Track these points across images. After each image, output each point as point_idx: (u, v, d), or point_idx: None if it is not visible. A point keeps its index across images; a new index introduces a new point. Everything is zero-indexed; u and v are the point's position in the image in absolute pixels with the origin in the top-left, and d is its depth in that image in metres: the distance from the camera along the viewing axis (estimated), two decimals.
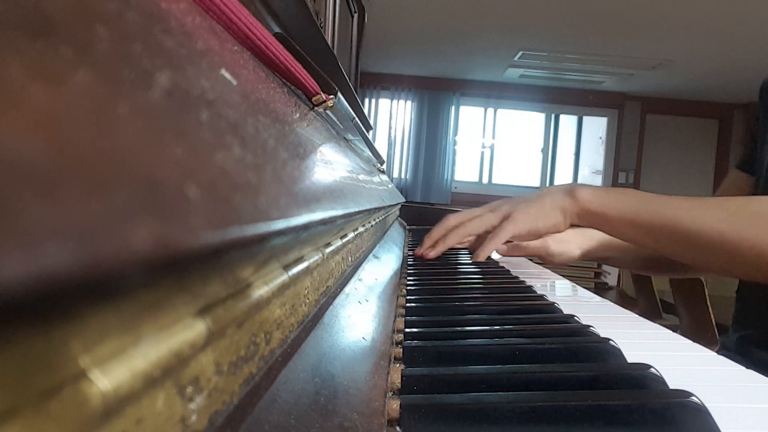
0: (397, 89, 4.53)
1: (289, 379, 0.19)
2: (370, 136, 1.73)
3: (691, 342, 0.44)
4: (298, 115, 0.29)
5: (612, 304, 0.61)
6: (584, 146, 4.76)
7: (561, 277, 0.81)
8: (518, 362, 0.32)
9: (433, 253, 0.80)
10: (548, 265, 0.90)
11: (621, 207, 0.65)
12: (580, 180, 4.71)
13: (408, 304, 0.48)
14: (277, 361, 0.19)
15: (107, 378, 0.09)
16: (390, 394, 0.26)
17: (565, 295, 0.66)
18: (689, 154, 4.68)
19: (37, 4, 0.08)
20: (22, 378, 0.07)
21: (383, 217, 0.82)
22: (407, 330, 0.39)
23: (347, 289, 0.35)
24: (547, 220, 0.70)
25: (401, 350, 0.33)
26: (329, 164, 0.31)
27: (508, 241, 0.79)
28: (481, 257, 0.75)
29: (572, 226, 0.71)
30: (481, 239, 0.78)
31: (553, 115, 4.67)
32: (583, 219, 0.68)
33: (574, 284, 0.76)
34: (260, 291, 0.17)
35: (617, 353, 0.33)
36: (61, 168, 0.07)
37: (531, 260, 1.01)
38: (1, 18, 0.07)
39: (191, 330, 0.12)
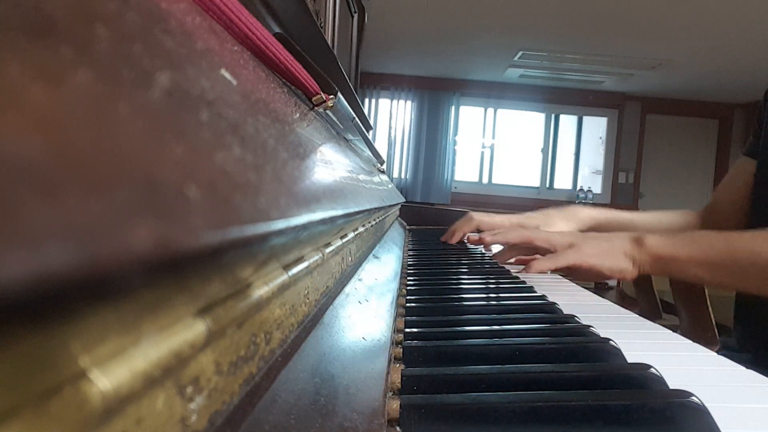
0: (397, 89, 4.53)
1: (289, 379, 0.19)
2: (370, 136, 1.73)
3: (691, 342, 0.44)
4: (298, 115, 0.29)
5: (612, 304, 0.61)
6: (584, 146, 4.76)
7: (561, 276, 0.81)
8: (518, 362, 0.32)
9: (489, 239, 0.82)
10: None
11: (691, 248, 0.65)
12: (580, 180, 4.71)
13: (408, 304, 0.48)
14: (277, 361, 0.19)
15: (107, 378, 0.09)
16: (390, 394, 0.26)
17: (565, 295, 0.66)
18: (689, 154, 4.68)
19: (37, 4, 0.08)
20: (22, 378, 0.07)
21: (383, 217, 0.82)
22: (407, 330, 0.39)
23: (347, 289, 0.35)
24: (613, 263, 0.69)
25: (401, 350, 0.33)
26: (329, 164, 0.31)
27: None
28: (533, 270, 0.73)
29: (640, 274, 0.71)
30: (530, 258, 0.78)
31: (553, 115, 4.67)
32: (655, 266, 0.68)
33: (574, 284, 0.76)
34: (260, 291, 0.17)
35: (617, 353, 0.33)
36: (61, 168, 0.07)
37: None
38: (1, 18, 0.07)
39: (191, 330, 0.12)
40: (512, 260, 0.87)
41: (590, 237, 0.73)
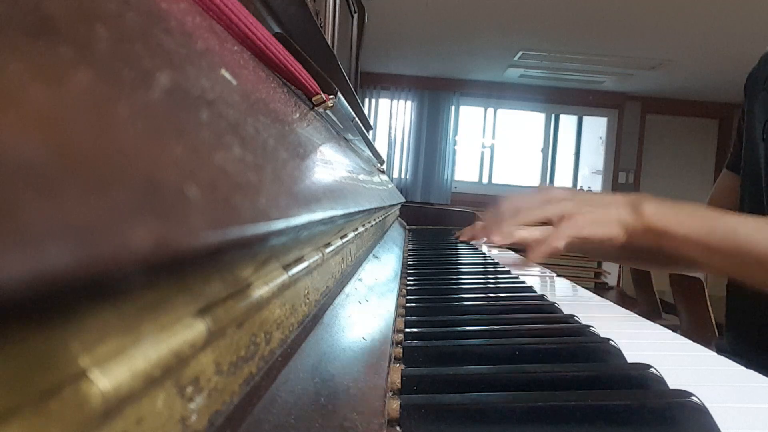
0: (397, 89, 4.53)
1: (289, 379, 0.19)
2: (370, 136, 1.73)
3: (691, 342, 0.44)
4: (298, 115, 0.29)
5: (612, 304, 0.61)
6: (584, 146, 4.76)
7: (561, 277, 0.81)
8: (518, 362, 0.32)
9: (498, 239, 0.72)
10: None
11: (689, 226, 0.61)
12: (580, 180, 4.71)
13: (408, 304, 0.48)
14: (277, 361, 0.19)
15: (107, 378, 0.09)
16: (390, 394, 0.26)
17: (565, 295, 0.66)
18: (689, 154, 4.68)
19: (37, 4, 0.08)
20: (22, 378, 0.07)
21: (383, 217, 0.82)
22: (407, 330, 0.39)
23: (347, 289, 0.35)
24: (605, 231, 0.65)
25: (401, 350, 0.33)
26: (329, 164, 0.31)
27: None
28: (534, 259, 0.68)
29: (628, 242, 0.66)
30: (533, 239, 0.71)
31: (553, 115, 4.67)
32: (646, 236, 0.64)
33: (574, 284, 0.76)
34: (260, 291, 0.17)
35: (617, 353, 0.33)
36: (61, 168, 0.07)
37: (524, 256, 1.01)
38: (1, 18, 0.07)
39: (191, 330, 0.12)
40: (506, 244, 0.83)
41: (585, 202, 0.67)
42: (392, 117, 4.57)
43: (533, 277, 0.77)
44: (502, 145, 4.68)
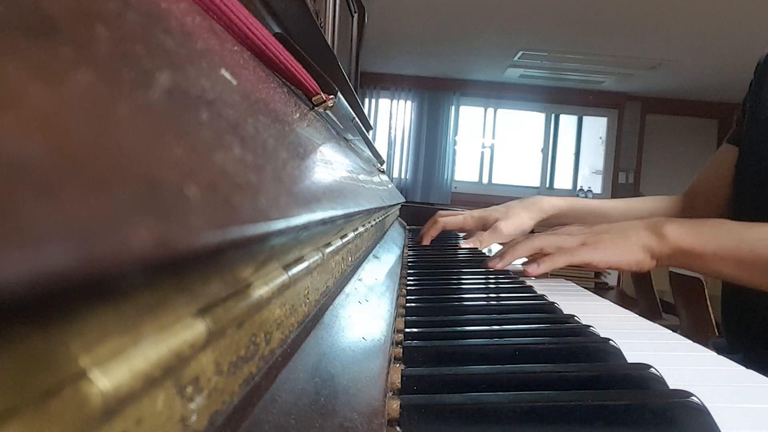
0: (397, 89, 4.53)
1: (289, 379, 0.19)
2: (370, 136, 1.73)
3: (691, 342, 0.44)
4: (298, 115, 0.29)
5: (612, 304, 0.61)
6: (584, 146, 4.76)
7: (561, 277, 0.81)
8: (518, 362, 0.32)
9: (500, 265, 0.73)
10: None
11: (716, 242, 0.61)
12: (580, 180, 4.70)
13: (408, 304, 0.48)
14: (277, 361, 0.19)
15: (107, 378, 0.09)
16: (390, 394, 0.26)
17: (565, 295, 0.66)
18: (689, 154, 4.68)
19: (37, 4, 0.08)
20: (22, 378, 0.07)
21: (383, 217, 0.82)
22: (407, 330, 0.39)
23: (347, 289, 0.35)
24: (630, 257, 0.65)
25: (401, 350, 0.33)
26: (329, 164, 0.31)
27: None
28: (546, 268, 0.66)
29: (658, 265, 0.66)
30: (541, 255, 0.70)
31: (553, 115, 4.67)
32: (674, 259, 0.64)
33: (574, 284, 0.76)
34: (260, 291, 0.17)
35: (617, 353, 0.33)
36: (61, 168, 0.07)
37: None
38: (1, 18, 0.07)
39: (191, 330, 0.12)
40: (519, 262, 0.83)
41: (602, 232, 0.67)
42: (392, 117, 4.57)
43: (533, 278, 0.77)
44: (502, 145, 4.68)
